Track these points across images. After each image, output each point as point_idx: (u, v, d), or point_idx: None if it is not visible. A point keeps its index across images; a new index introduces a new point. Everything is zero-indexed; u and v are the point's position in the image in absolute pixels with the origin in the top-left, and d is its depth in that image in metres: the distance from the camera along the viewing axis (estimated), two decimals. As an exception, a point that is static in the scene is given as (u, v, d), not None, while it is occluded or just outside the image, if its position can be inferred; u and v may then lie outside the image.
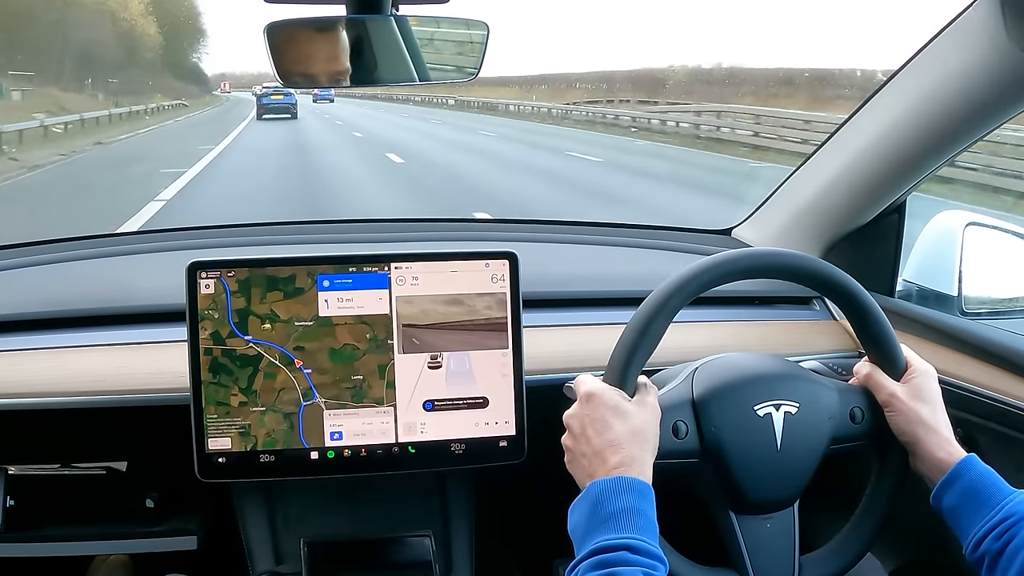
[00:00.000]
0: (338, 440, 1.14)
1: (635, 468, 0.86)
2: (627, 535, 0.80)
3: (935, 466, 0.94)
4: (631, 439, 0.88)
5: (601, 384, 0.92)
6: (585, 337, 1.31)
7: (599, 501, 0.83)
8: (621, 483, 0.84)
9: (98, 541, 1.31)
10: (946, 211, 1.38)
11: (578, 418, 0.91)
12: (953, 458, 0.93)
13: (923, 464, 0.95)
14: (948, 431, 0.96)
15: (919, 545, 1.31)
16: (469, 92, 33.43)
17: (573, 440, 0.91)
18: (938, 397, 0.98)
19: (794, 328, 1.41)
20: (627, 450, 0.87)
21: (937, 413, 0.97)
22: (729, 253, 0.98)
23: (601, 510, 0.83)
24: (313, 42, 1.06)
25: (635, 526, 0.81)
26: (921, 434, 0.95)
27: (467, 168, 13.24)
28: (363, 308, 1.14)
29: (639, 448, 0.88)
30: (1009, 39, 1.02)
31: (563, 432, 0.94)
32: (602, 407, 0.90)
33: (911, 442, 0.96)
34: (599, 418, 0.89)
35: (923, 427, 0.95)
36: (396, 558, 1.30)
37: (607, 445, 0.87)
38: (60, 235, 1.55)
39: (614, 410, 0.89)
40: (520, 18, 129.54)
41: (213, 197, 9.72)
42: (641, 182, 11.68)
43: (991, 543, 0.87)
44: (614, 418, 0.89)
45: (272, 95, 25.88)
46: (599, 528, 0.82)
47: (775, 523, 0.99)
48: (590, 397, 0.91)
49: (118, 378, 1.19)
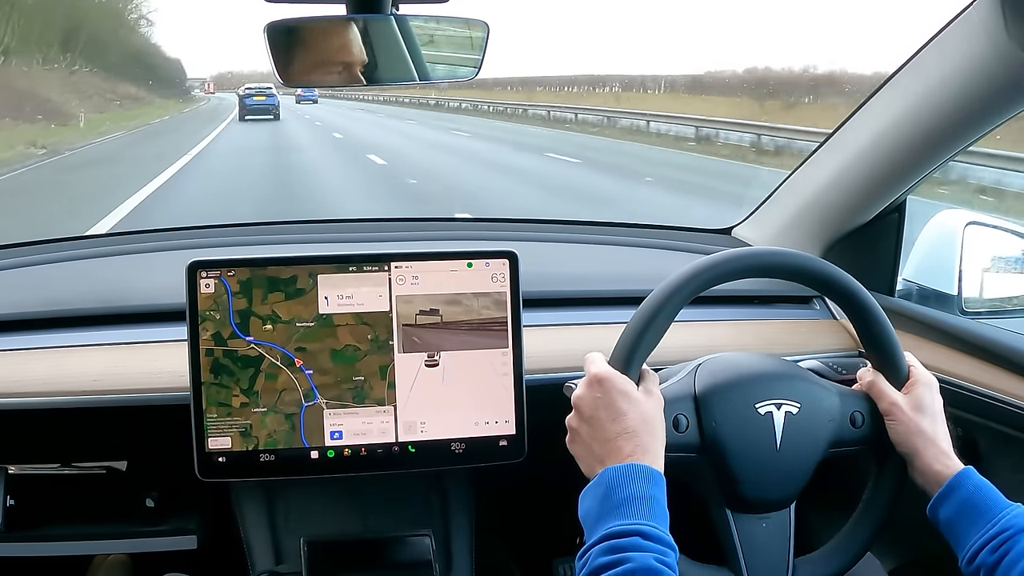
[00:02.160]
0: (338, 439, 1.14)
1: (648, 456, 0.86)
2: (640, 521, 0.81)
3: (932, 478, 0.94)
4: (644, 426, 0.88)
5: (610, 368, 0.92)
6: (585, 336, 1.31)
7: (612, 487, 0.83)
8: (634, 470, 0.84)
9: (98, 541, 1.31)
10: (946, 210, 1.38)
11: (588, 401, 0.91)
12: (950, 470, 0.93)
13: (920, 476, 0.96)
14: (947, 443, 0.96)
15: (919, 545, 1.31)
16: (451, 93, 33.24)
17: (581, 422, 0.91)
18: (939, 409, 0.98)
19: (794, 327, 1.41)
20: (640, 438, 0.87)
21: (937, 425, 0.97)
22: (731, 251, 0.98)
23: (614, 496, 0.83)
24: (313, 42, 1.06)
25: (647, 512, 0.82)
26: (919, 446, 0.95)
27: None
28: (363, 305, 1.14)
29: (651, 436, 0.88)
30: (1009, 39, 1.02)
31: (563, 431, 0.94)
32: (613, 391, 0.89)
33: (909, 453, 0.96)
34: (611, 403, 0.89)
35: (922, 439, 0.95)
36: (396, 557, 1.30)
37: (621, 432, 0.87)
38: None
39: (625, 396, 0.89)
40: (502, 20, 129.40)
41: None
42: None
43: (986, 556, 0.87)
44: (627, 404, 0.89)
45: (255, 96, 25.71)
46: (612, 514, 0.82)
47: (771, 523, 0.99)
48: (600, 380, 0.90)
49: (118, 378, 1.19)
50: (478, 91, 32.41)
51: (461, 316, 1.15)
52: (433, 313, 1.15)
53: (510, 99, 31.40)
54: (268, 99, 25.55)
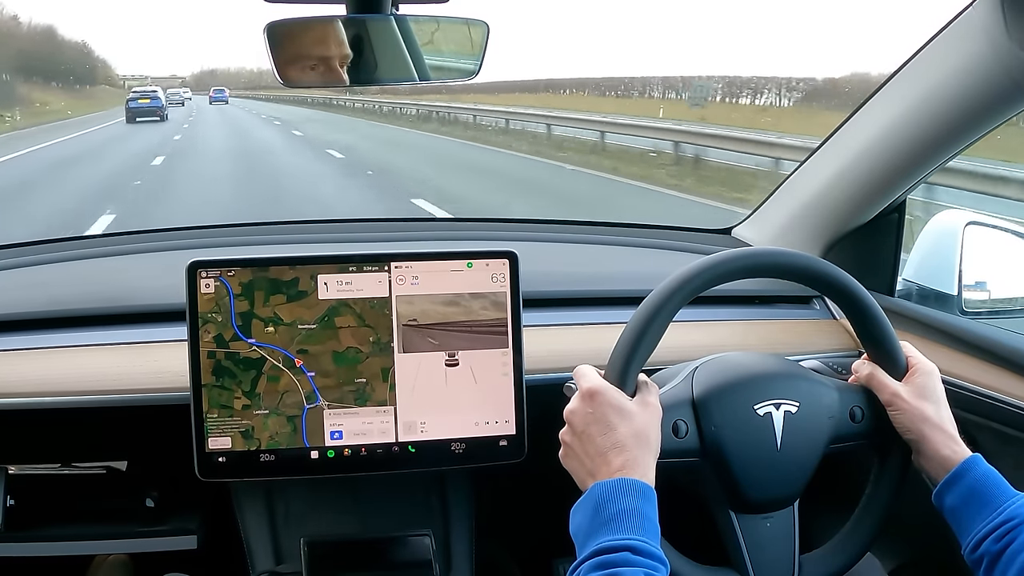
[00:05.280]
0: (338, 439, 1.14)
1: (638, 470, 0.86)
2: (629, 536, 0.81)
3: (939, 464, 0.94)
4: (634, 441, 0.87)
5: (603, 381, 0.92)
6: (585, 336, 1.31)
7: (602, 502, 0.83)
8: (624, 485, 0.84)
9: (98, 541, 1.30)
10: (946, 210, 1.38)
11: (580, 415, 0.90)
12: (958, 456, 0.93)
13: (927, 462, 0.95)
14: (953, 429, 0.96)
15: (919, 545, 1.31)
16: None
17: (574, 437, 0.91)
18: (942, 395, 0.98)
19: (794, 327, 1.41)
20: (630, 452, 0.86)
21: (941, 410, 0.96)
22: (728, 252, 0.97)
23: (604, 511, 0.83)
24: (313, 42, 1.06)
25: (637, 527, 0.81)
26: (926, 432, 0.95)
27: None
28: (363, 291, 1.13)
29: (642, 450, 0.87)
30: (1009, 39, 1.02)
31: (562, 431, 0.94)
32: (605, 406, 0.89)
33: (916, 440, 0.96)
34: (602, 418, 0.89)
35: (927, 425, 0.95)
36: (396, 557, 1.30)
37: (611, 447, 0.87)
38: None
39: (617, 410, 0.89)
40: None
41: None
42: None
43: (991, 545, 0.87)
44: (617, 419, 0.88)
45: (139, 99, 26.64)
46: (601, 529, 0.82)
47: (775, 522, 0.99)
48: (593, 395, 0.90)
49: (118, 378, 1.19)
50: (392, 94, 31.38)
51: (461, 316, 1.15)
52: (433, 314, 1.15)
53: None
54: (152, 102, 26.56)
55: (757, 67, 63.99)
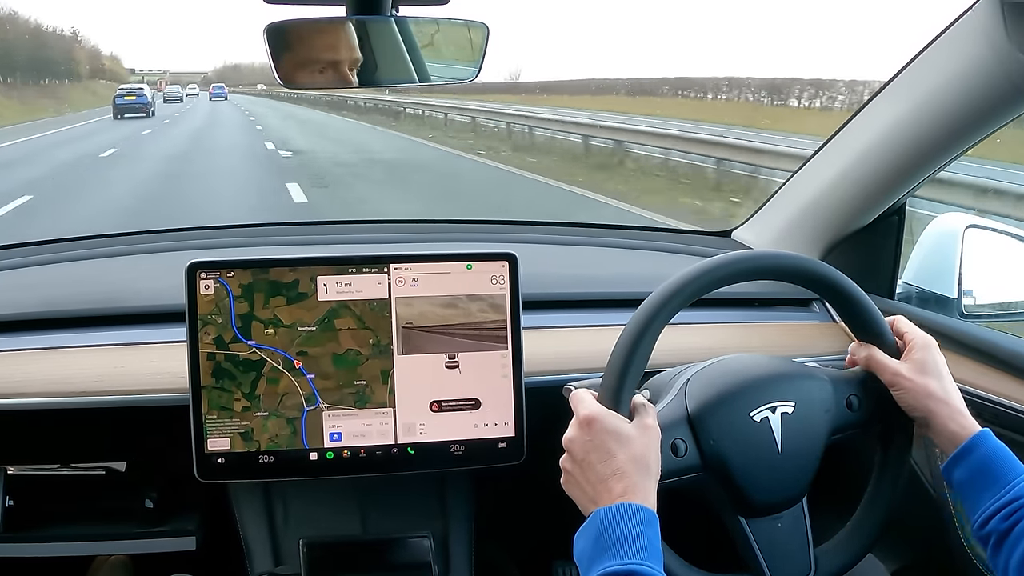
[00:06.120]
0: (337, 441, 1.14)
1: (639, 495, 0.85)
2: (632, 561, 0.80)
3: (948, 439, 0.92)
4: (634, 466, 0.87)
5: (599, 407, 0.90)
6: (584, 339, 1.31)
7: (604, 528, 0.83)
8: (626, 510, 0.84)
9: (98, 541, 1.30)
10: (946, 213, 1.38)
11: (579, 444, 0.89)
12: (967, 431, 0.92)
13: (937, 436, 0.94)
14: (960, 402, 0.94)
15: (921, 547, 1.31)
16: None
17: (574, 465, 0.90)
18: (944, 368, 0.96)
19: (793, 330, 1.41)
20: (630, 478, 0.86)
21: (945, 384, 0.95)
22: (719, 258, 0.96)
23: (606, 537, 0.82)
24: (313, 43, 1.06)
25: (640, 552, 0.81)
26: (933, 407, 0.94)
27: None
28: (362, 293, 1.13)
29: (642, 475, 0.87)
30: (1009, 41, 1.02)
31: (562, 432, 0.94)
32: (603, 433, 0.88)
33: (924, 416, 0.94)
34: (601, 445, 0.88)
35: (933, 400, 0.94)
36: (395, 559, 1.30)
37: (611, 474, 0.86)
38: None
39: (615, 436, 0.88)
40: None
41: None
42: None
43: (998, 523, 0.87)
44: (616, 445, 0.87)
45: (126, 96, 27.91)
46: (604, 554, 0.82)
47: (786, 521, 0.98)
48: (590, 422, 0.89)
49: (117, 378, 1.19)
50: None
51: (460, 318, 1.15)
52: (432, 315, 1.15)
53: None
54: (139, 98, 28.03)
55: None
